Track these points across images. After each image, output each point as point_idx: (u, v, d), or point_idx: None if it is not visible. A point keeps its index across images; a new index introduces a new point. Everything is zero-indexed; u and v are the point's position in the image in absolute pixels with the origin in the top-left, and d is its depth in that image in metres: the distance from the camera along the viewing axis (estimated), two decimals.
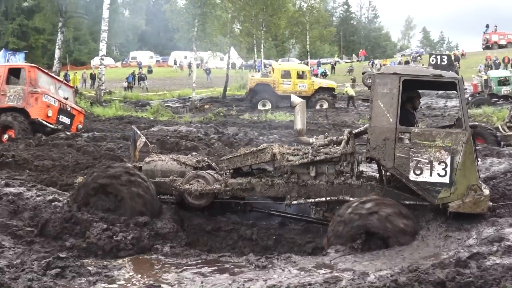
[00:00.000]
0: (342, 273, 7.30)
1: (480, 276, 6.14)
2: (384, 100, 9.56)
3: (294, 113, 11.16)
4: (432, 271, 6.55)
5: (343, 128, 23.47)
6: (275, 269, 7.82)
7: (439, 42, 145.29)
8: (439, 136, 9.47)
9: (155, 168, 11.01)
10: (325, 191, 10.25)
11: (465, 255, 7.17)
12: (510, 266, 6.39)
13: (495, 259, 6.96)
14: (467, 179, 9.41)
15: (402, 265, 7.40)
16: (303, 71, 39.61)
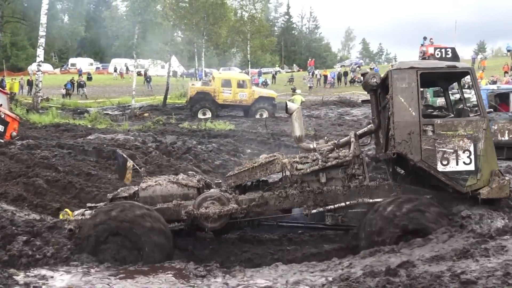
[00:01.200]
0: (275, 284, 7.28)
1: (410, 284, 6.21)
2: (404, 94, 9.62)
3: (291, 120, 11.03)
4: (363, 280, 6.59)
5: (281, 137, 23.55)
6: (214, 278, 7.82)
7: (378, 54, 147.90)
8: (460, 125, 9.62)
9: (154, 194, 10.15)
10: (343, 196, 10.14)
11: (395, 263, 7.24)
12: (438, 274, 6.47)
13: (424, 267, 7.06)
14: (490, 164, 9.66)
15: (335, 274, 7.43)
16: (243, 80, 39.62)
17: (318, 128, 28.65)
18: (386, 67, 79.83)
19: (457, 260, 7.34)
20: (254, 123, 32.95)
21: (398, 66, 9.83)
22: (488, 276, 6.24)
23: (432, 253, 7.74)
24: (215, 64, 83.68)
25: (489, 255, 7.25)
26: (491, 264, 6.75)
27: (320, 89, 69.74)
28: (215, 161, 17.49)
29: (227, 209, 9.62)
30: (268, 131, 26.39)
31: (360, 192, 10.14)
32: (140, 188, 10.23)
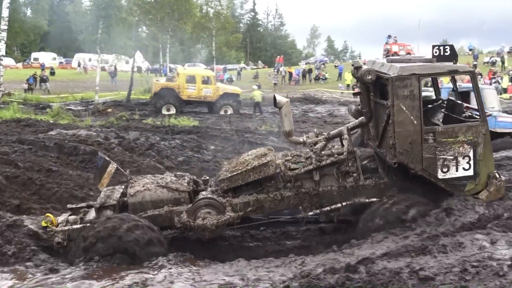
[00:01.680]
0: (236, 280, 7.27)
1: (369, 281, 6.23)
2: (406, 102, 9.44)
3: (280, 114, 10.92)
4: (323, 277, 6.61)
5: (246, 134, 23.53)
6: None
7: (342, 51, 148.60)
8: (461, 131, 9.61)
9: (143, 200, 9.88)
10: (339, 197, 10.18)
11: (355, 260, 7.28)
12: (396, 271, 6.51)
13: (383, 263, 7.11)
14: (487, 167, 9.78)
15: (295, 270, 7.44)
16: (208, 77, 39.41)
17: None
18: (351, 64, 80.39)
19: (415, 256, 7.41)
20: (219, 119, 32.87)
21: (399, 73, 9.50)
22: (446, 273, 6.32)
23: (382, 250, 7.82)
24: (180, 60, 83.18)
25: (446, 252, 7.35)
26: (448, 261, 6.84)
27: (285, 86, 69.86)
28: (178, 158, 17.41)
29: (224, 219, 9.47)
30: (233, 127, 26.36)
31: (356, 192, 10.20)
32: (129, 194, 9.96)
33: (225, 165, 11.09)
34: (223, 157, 18.37)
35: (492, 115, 18.63)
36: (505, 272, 6.14)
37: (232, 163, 10.90)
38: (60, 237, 9.16)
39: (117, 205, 9.87)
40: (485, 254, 6.87)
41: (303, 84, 71.70)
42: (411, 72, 9.46)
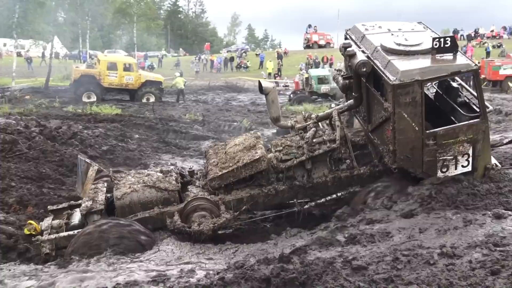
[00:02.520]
0: (171, 271, 7.17)
1: (304, 271, 6.20)
2: (408, 110, 9.04)
3: (266, 100, 10.70)
4: (257, 268, 6.56)
5: (170, 122, 23.31)
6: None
7: (263, 40, 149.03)
8: (461, 131, 9.36)
9: (132, 203, 9.41)
10: (333, 188, 10.02)
11: (288, 250, 7.30)
12: (330, 261, 6.55)
13: (316, 253, 7.15)
14: (484, 160, 9.66)
15: (230, 261, 7.40)
16: (129, 64, 38.75)
17: (206, 113, 28.58)
18: (272, 53, 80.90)
19: (346, 245, 7.49)
20: (141, 107, 32.42)
21: (401, 79, 8.97)
22: (378, 262, 6.38)
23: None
24: (100, 46, 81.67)
25: (375, 241, 7.44)
26: (379, 250, 6.92)
27: (206, 74, 69.57)
28: (103, 147, 17.04)
29: (221, 222, 9.09)
30: (156, 116, 26.04)
31: (352, 182, 10.08)
32: (115, 197, 9.49)
33: (211, 155, 10.73)
34: (148, 146, 18.17)
35: None
36: (435, 260, 6.27)
37: (219, 153, 10.59)
38: (48, 247, 8.64)
39: (104, 209, 9.36)
40: (415, 242, 7.01)
41: (225, 72, 71.64)
42: (413, 79, 9.00)
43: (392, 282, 5.67)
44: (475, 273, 5.77)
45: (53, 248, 8.60)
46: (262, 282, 6.11)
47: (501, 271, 5.73)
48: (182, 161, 16.32)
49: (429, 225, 7.76)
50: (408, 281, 5.64)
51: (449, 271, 5.88)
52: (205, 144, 19.09)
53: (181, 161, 16.23)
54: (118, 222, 8.67)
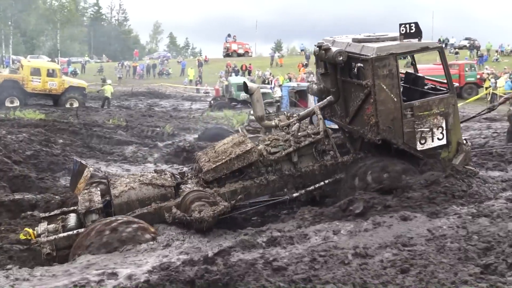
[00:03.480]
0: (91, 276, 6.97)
1: (227, 272, 6.19)
2: (386, 81, 9.42)
3: (251, 100, 10.81)
4: (182, 269, 6.50)
5: (94, 127, 22.86)
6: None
7: (184, 48, 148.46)
8: (434, 104, 9.80)
9: (130, 200, 9.20)
10: (320, 176, 10.15)
11: (213, 252, 7.28)
12: (252, 262, 6.56)
13: (239, 255, 7.16)
14: (457, 136, 10.09)
15: (154, 263, 7.28)
16: (53, 69, 37.92)
17: (130, 119, 28.19)
18: (193, 60, 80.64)
19: (267, 247, 7.53)
20: (65, 112, 31.66)
21: (378, 53, 9.41)
22: (297, 262, 6.43)
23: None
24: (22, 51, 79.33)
25: (293, 243, 7.49)
26: (298, 251, 6.98)
27: (129, 80, 68.78)
28: (26, 152, 16.49)
29: (220, 209, 8.87)
30: (80, 121, 25.49)
31: (337, 169, 10.28)
32: (113, 195, 9.27)
33: (201, 156, 10.67)
34: (73, 151, 17.75)
35: None
36: (349, 260, 6.39)
37: (209, 153, 10.56)
38: (48, 247, 8.29)
39: (103, 208, 9.10)
40: (331, 244, 7.12)
41: (147, 78, 71.02)
42: (389, 52, 9.47)
43: (310, 282, 5.75)
44: (386, 272, 5.91)
45: (53, 249, 8.32)
46: (187, 284, 6.06)
47: (410, 269, 5.90)
48: (106, 166, 16.03)
49: (341, 227, 7.88)
50: (325, 280, 5.72)
51: (362, 270, 6.01)
52: (129, 149, 18.82)
53: (105, 166, 15.94)
54: (128, 219, 8.50)
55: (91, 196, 9.43)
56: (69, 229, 8.78)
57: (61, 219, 9.32)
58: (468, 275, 5.62)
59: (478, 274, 5.65)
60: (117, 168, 15.87)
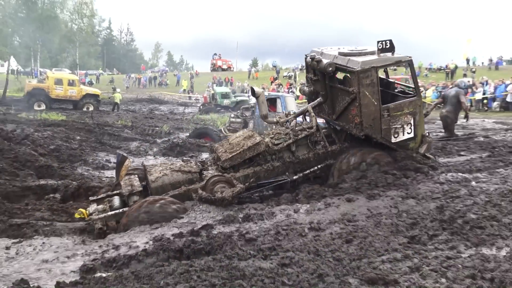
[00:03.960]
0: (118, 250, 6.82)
1: (209, 243, 6.21)
2: (369, 89, 9.58)
3: (257, 101, 10.82)
4: (173, 240, 6.51)
5: (105, 127, 22.65)
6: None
7: (179, 63, 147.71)
8: (406, 106, 9.98)
9: (164, 184, 9.24)
10: (314, 162, 10.27)
11: (198, 226, 7.27)
12: (229, 234, 6.57)
13: (220, 228, 7.16)
14: (421, 130, 10.25)
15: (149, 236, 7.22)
16: (73, 80, 37.51)
17: (134, 120, 27.97)
18: (186, 74, 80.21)
19: (242, 222, 7.53)
20: (82, 115, 31.24)
21: (362, 67, 9.61)
22: (265, 235, 6.46)
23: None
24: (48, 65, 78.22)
25: (263, 219, 7.51)
26: (266, 226, 7.01)
27: (135, 89, 68.27)
28: (50, 146, 16.26)
29: (238, 190, 8.84)
30: (94, 121, 25.19)
31: (327, 157, 10.39)
32: (151, 180, 9.26)
33: (218, 147, 10.63)
34: (88, 145, 17.54)
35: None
36: (306, 233, 6.44)
37: (224, 145, 10.55)
38: (100, 223, 8.29)
39: (143, 191, 9.13)
40: (292, 220, 7.15)
41: (149, 88, 70.59)
42: (371, 65, 9.66)
43: (274, 250, 5.77)
44: (334, 242, 5.96)
45: (104, 224, 8.34)
46: (177, 252, 6.07)
47: (353, 240, 5.95)
48: (115, 158, 15.87)
49: (301, 207, 7.92)
50: (286, 249, 5.75)
51: (316, 241, 6.04)
52: (133, 144, 18.68)
53: (113, 158, 15.80)
54: (172, 199, 8.50)
55: (131, 181, 9.45)
56: (115, 209, 8.79)
57: (107, 201, 9.27)
58: (398, 244, 5.69)
59: (406, 244, 5.71)
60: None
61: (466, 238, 5.61)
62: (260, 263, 5.24)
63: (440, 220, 6.26)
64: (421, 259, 5.08)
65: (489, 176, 9.01)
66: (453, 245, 5.43)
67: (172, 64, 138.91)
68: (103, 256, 6.25)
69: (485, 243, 5.40)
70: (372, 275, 4.69)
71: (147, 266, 5.76)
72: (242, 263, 5.27)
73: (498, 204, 6.72)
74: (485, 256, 4.99)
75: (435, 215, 6.48)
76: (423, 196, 7.63)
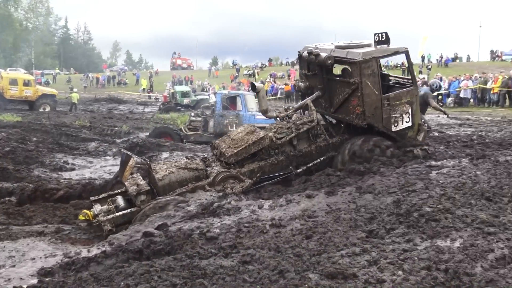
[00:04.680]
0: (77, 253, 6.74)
1: (168, 243, 6.13)
2: (370, 79, 9.76)
3: (258, 97, 10.98)
4: (131, 242, 6.39)
5: (63, 128, 22.16)
6: None
7: (139, 62, 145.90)
8: (404, 95, 10.24)
9: (171, 182, 9.05)
10: (316, 155, 10.35)
11: (155, 226, 7.14)
12: (189, 233, 6.46)
13: (177, 226, 7.03)
14: (417, 119, 10.54)
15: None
16: (28, 80, 36.75)
17: (93, 120, 27.48)
18: (146, 73, 79.30)
19: (207, 217, 7.44)
20: (38, 115, 30.53)
21: (363, 57, 9.79)
22: (226, 232, 6.41)
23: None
24: (2, 65, 75.98)
25: (229, 214, 7.43)
26: (229, 222, 6.96)
27: (93, 88, 67.12)
28: (5, 148, 15.82)
29: (247, 185, 9.04)
30: (51, 122, 24.64)
31: (329, 149, 10.49)
32: (157, 179, 9.07)
33: (220, 144, 10.52)
34: (45, 147, 17.13)
35: (254, 114, 19.55)
36: (267, 229, 6.43)
37: (226, 141, 10.45)
38: (109, 225, 8.12)
39: (149, 190, 8.99)
40: (254, 216, 7.13)
41: (108, 87, 69.60)
42: (372, 56, 9.85)
43: (235, 248, 5.76)
44: (295, 238, 5.98)
45: (113, 225, 8.18)
46: (136, 253, 5.96)
47: (313, 235, 5.99)
48: (73, 159, 15.58)
49: (265, 203, 7.89)
50: (247, 246, 5.74)
51: (276, 237, 6.05)
52: (92, 144, 18.31)
53: (71, 159, 15.50)
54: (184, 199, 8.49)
55: (135, 180, 9.29)
56: (121, 209, 8.67)
57: (110, 201, 9.14)
58: (357, 238, 5.77)
59: (364, 238, 5.80)
60: (81, 160, 15.43)
61: (422, 231, 5.74)
62: (221, 261, 5.23)
63: (397, 214, 6.38)
64: (379, 253, 5.17)
65: (446, 169, 9.24)
66: (409, 238, 5.54)
67: (131, 63, 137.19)
68: (62, 259, 6.11)
69: (440, 235, 5.53)
70: (331, 269, 4.75)
71: (106, 268, 5.66)
72: (203, 261, 5.25)
73: (452, 197, 6.90)
74: (440, 248, 5.12)
75: (392, 209, 6.60)
76: (379, 191, 7.75)
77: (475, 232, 5.52)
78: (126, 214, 8.42)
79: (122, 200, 9.06)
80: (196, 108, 31.09)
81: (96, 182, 11.48)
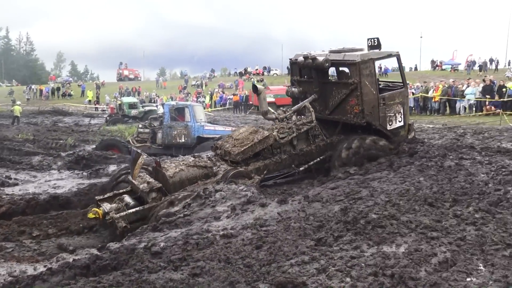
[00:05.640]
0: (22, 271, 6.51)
1: (114, 258, 6.02)
2: (368, 79, 10.30)
3: (259, 99, 11.28)
4: (78, 258, 6.24)
5: (5, 142, 21.33)
6: None
7: (84, 73, 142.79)
8: (397, 96, 10.91)
9: (182, 179, 9.17)
10: (317, 154, 10.82)
11: (97, 245, 6.98)
12: (132, 248, 6.30)
13: (119, 243, 6.88)
14: (407, 118, 11.19)
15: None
16: None
17: (37, 133, 26.60)
18: (91, 84, 77.71)
19: (151, 232, 7.33)
20: None
21: (362, 59, 10.37)
22: (172, 245, 6.30)
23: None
24: None
25: (178, 227, 7.32)
26: (175, 235, 6.86)
27: (37, 100, 65.12)
28: None
29: (257, 181, 9.26)
30: None
31: (328, 148, 10.96)
32: (168, 176, 9.17)
33: (223, 144, 10.73)
34: None
35: (202, 125, 19.45)
36: (217, 240, 6.38)
37: (230, 141, 10.64)
38: (123, 222, 8.17)
39: (161, 188, 9.02)
40: (204, 227, 7.04)
41: (53, 99, 67.50)
42: (369, 57, 10.46)
43: (185, 260, 5.69)
44: (245, 248, 5.97)
45: (127, 222, 8.22)
46: (83, 268, 5.83)
47: (263, 245, 6.00)
48: (16, 173, 15.03)
49: (222, 213, 7.81)
50: (196, 259, 5.69)
51: (226, 248, 6.02)
52: (36, 158, 17.71)
53: (14, 173, 14.95)
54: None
55: (144, 179, 9.38)
56: (133, 206, 8.73)
57: (118, 199, 9.11)
58: (306, 247, 5.81)
59: (313, 246, 5.85)
60: (25, 175, 14.92)
61: (369, 237, 5.84)
62: (170, 274, 5.16)
63: (344, 221, 6.47)
64: (327, 260, 5.23)
65: (390, 176, 9.45)
66: (357, 245, 5.63)
67: (76, 74, 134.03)
68: (5, 278, 5.88)
69: (386, 241, 5.65)
70: (281, 279, 4.76)
71: (52, 285, 5.49)
72: (152, 275, 5.16)
73: (397, 203, 7.08)
74: (385, 254, 5.23)
75: (340, 217, 6.70)
76: (326, 199, 7.86)
77: (419, 237, 5.68)
78: (138, 211, 8.54)
79: (130, 198, 9.13)
80: (144, 120, 30.64)
81: (40, 197, 11.12)
